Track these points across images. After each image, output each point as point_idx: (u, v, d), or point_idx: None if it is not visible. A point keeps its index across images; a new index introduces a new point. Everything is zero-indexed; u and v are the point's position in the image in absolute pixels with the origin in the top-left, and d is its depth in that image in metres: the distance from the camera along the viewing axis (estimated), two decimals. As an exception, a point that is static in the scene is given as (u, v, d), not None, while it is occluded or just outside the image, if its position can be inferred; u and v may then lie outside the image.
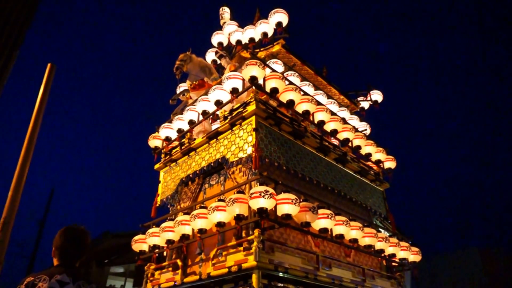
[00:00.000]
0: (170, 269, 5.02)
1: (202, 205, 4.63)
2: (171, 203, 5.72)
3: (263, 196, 3.91)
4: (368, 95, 7.82)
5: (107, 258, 14.35)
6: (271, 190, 3.97)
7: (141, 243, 5.25)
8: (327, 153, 5.69)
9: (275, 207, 4.12)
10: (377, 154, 6.52)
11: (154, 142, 6.07)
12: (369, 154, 6.39)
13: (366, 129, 7.07)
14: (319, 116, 5.49)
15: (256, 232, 3.92)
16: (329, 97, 6.78)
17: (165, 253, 5.43)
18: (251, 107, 4.74)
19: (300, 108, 5.22)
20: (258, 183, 4.27)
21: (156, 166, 6.10)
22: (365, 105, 7.89)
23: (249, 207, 4.12)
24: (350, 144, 6.04)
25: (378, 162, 6.57)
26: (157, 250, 5.19)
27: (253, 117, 4.71)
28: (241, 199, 4.10)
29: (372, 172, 6.51)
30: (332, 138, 6.03)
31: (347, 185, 5.88)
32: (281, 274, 4.07)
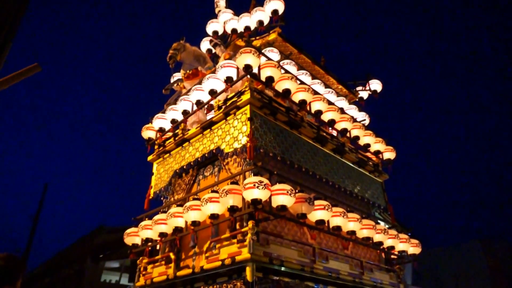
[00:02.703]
0: (163, 262, 4.90)
1: (195, 196, 4.49)
2: (165, 195, 5.59)
3: (257, 187, 3.78)
4: (367, 85, 7.67)
5: (102, 253, 14.27)
6: (265, 181, 3.84)
7: (134, 237, 5.13)
8: (324, 143, 5.54)
9: (270, 198, 3.99)
10: (376, 144, 6.38)
11: (147, 133, 5.93)
12: (368, 145, 6.26)
13: (365, 119, 6.92)
14: (316, 106, 5.35)
15: (250, 223, 3.79)
16: (326, 86, 6.63)
17: (158, 247, 5.31)
18: (246, 96, 4.59)
19: (296, 97, 5.08)
20: (252, 174, 4.13)
21: (149, 158, 5.96)
22: (364, 95, 7.75)
23: (243, 198, 3.99)
24: (348, 134, 5.90)
25: (377, 152, 6.43)
26: (150, 244, 5.07)
27: (248, 106, 4.57)
28: (234, 190, 3.97)
29: (371, 163, 6.37)
30: (330, 128, 5.89)
31: (345, 176, 5.74)
32: (276, 267, 3.95)
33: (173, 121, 5.56)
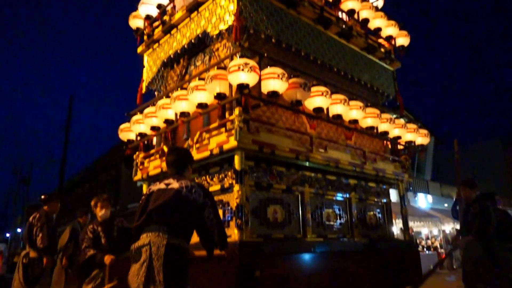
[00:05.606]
0: (157, 156, 4.76)
1: (183, 86, 4.16)
2: (158, 88, 5.28)
3: (243, 70, 3.40)
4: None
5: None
6: (252, 63, 3.44)
7: (128, 132, 4.98)
8: (328, 26, 4.96)
9: (260, 83, 3.63)
10: (388, 28, 5.74)
11: (135, 22, 5.41)
12: (379, 29, 5.62)
13: (377, 0, 6.15)
14: (318, -19, 4.68)
15: (237, 110, 3.48)
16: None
17: (154, 141, 5.16)
18: (232, -32, 3.97)
19: (295, -29, 4.41)
20: (239, 57, 3.71)
21: (139, 50, 5.51)
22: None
23: (231, 85, 3.64)
24: (356, 16, 5.27)
25: (389, 38, 5.81)
26: (146, 137, 4.90)
27: (235, -20, 3.97)
28: (220, 75, 3.60)
29: (382, 49, 5.78)
30: (341, 13, 5.24)
31: (351, 62, 5.24)
32: (268, 156, 3.74)
33: (159, 6, 5.01)
